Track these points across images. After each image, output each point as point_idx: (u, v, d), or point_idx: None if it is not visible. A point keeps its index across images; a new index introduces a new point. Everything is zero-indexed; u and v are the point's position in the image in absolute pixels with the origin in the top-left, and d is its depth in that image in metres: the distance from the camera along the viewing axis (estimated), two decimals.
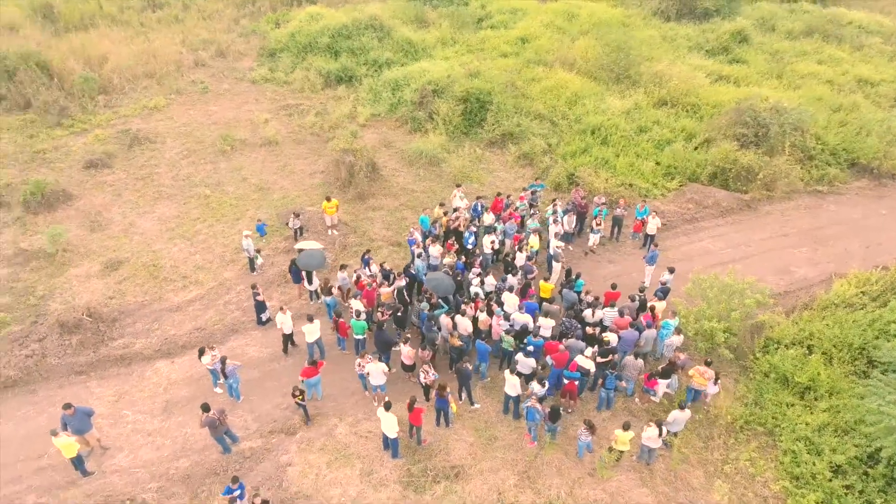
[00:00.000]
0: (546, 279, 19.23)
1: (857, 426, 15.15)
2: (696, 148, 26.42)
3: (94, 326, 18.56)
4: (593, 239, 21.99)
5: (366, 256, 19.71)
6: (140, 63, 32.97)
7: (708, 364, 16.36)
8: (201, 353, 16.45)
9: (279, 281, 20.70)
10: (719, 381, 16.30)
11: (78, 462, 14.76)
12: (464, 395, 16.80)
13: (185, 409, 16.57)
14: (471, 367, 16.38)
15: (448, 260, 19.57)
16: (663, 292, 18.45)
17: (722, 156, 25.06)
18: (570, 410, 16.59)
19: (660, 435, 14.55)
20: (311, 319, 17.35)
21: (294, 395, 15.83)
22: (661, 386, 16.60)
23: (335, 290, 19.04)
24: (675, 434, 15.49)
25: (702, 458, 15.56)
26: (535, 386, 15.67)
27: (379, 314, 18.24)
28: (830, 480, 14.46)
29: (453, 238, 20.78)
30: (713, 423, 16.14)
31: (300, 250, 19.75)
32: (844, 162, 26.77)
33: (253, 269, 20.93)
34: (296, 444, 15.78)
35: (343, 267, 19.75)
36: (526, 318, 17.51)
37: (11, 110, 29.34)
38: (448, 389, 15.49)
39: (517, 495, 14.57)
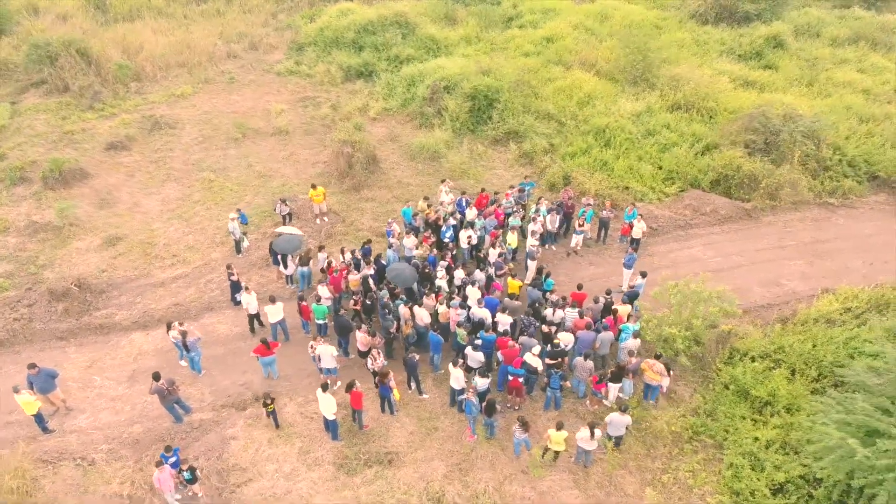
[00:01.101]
0: (513, 276, 19.17)
1: (807, 445, 14.48)
2: (703, 153, 25.60)
3: (81, 296, 19.71)
4: (576, 240, 21.71)
5: (366, 246, 20.19)
6: (174, 53, 34.53)
7: (657, 357, 16.06)
8: (168, 326, 17.28)
9: (261, 264, 21.38)
10: (671, 372, 16.21)
11: (38, 419, 15.77)
12: (413, 385, 16.98)
13: (149, 379, 17.30)
14: (417, 358, 16.53)
15: (418, 252, 19.79)
16: (629, 296, 18.08)
17: (724, 162, 24.24)
18: (517, 407, 16.53)
19: (592, 436, 14.31)
20: (272, 301, 17.92)
21: (265, 405, 15.71)
22: (613, 389, 16.32)
23: (311, 263, 19.87)
24: (612, 438, 15.21)
25: (641, 465, 15.23)
26: (477, 380, 15.73)
27: (352, 302, 18.67)
28: (770, 499, 13.94)
29: (429, 231, 20.93)
30: (659, 431, 15.71)
31: (279, 234, 20.39)
32: (864, 174, 25.37)
33: (239, 251, 21.70)
34: (243, 419, 16.36)
35: (321, 248, 20.30)
36: (484, 314, 17.55)
37: (51, 93, 31.17)
38: (389, 377, 15.72)
39: (444, 486, 14.66)
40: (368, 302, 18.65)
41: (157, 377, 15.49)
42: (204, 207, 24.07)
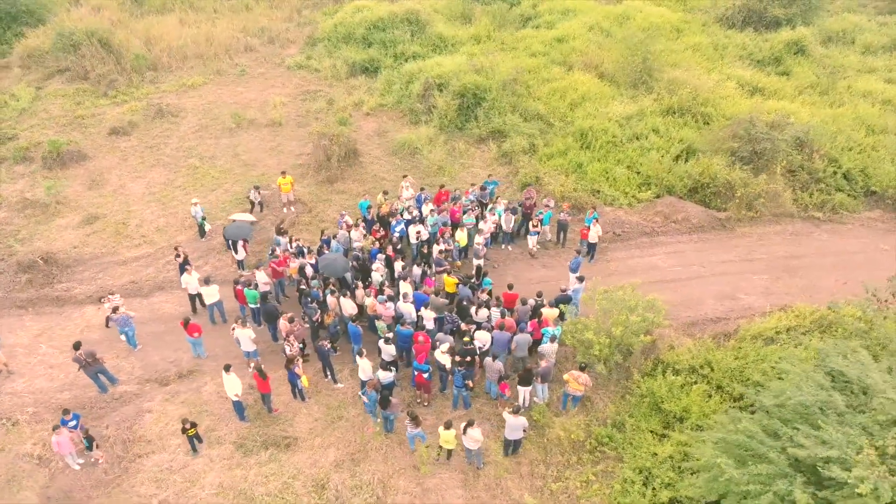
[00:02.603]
0: (449, 273, 19.06)
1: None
2: (685, 159, 24.62)
3: (46, 269, 20.88)
4: (531, 241, 21.36)
5: (324, 237, 20.64)
6: (193, 45, 35.94)
7: (582, 368, 15.62)
8: (100, 300, 18.16)
9: (220, 248, 22.02)
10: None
11: None
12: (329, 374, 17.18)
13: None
14: (328, 346, 16.70)
15: (359, 244, 19.97)
16: (557, 300, 17.65)
17: (700, 169, 23.27)
18: (426, 404, 16.48)
19: (464, 433, 14.09)
20: (207, 282, 18.50)
21: (184, 430, 15.08)
22: (521, 392, 16.00)
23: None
24: (509, 440, 14.92)
25: (534, 472, 14.89)
26: (379, 373, 15.78)
27: (298, 293, 19.07)
28: None
29: (378, 225, 21.06)
30: (559, 439, 15.30)
31: (232, 220, 21.00)
32: (861, 189, 23.81)
33: (203, 234, 22.44)
34: (163, 394, 16.96)
35: (284, 232, 20.84)
36: (409, 309, 17.53)
37: (73, 80, 33.09)
38: (296, 363, 15.97)
39: (331, 474, 14.77)
40: (305, 288, 18.98)
41: (77, 346, 16.28)
42: (183, 192, 24.99)
